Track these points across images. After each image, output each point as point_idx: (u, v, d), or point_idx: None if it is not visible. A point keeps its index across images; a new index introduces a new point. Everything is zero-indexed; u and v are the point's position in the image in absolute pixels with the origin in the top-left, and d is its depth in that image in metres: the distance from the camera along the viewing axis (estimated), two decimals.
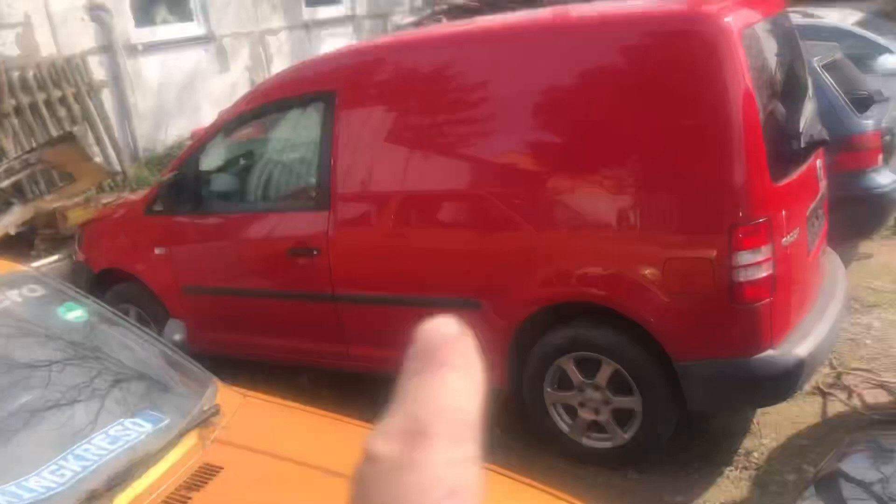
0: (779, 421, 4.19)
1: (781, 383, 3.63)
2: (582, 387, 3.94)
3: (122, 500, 2.13)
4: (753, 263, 3.46)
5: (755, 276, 3.47)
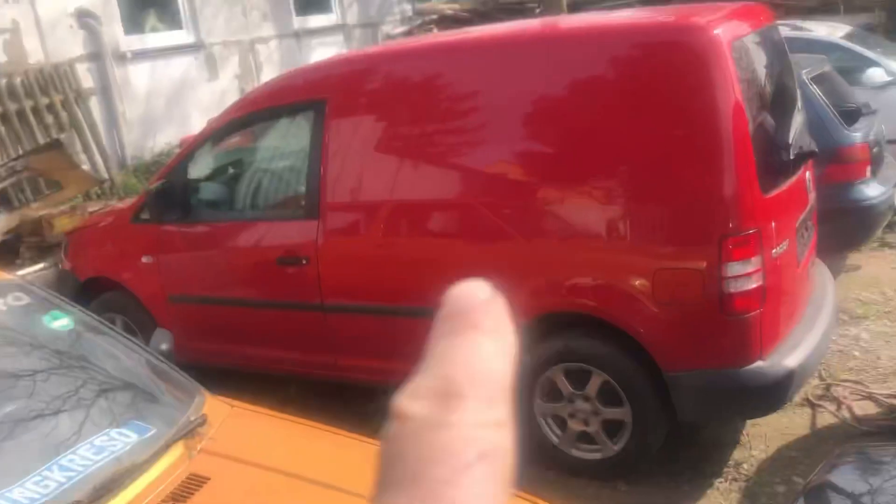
0: (768, 432, 4.19)
1: (771, 394, 3.63)
2: (572, 398, 3.92)
3: None
4: (743, 274, 3.46)
5: (745, 287, 3.47)
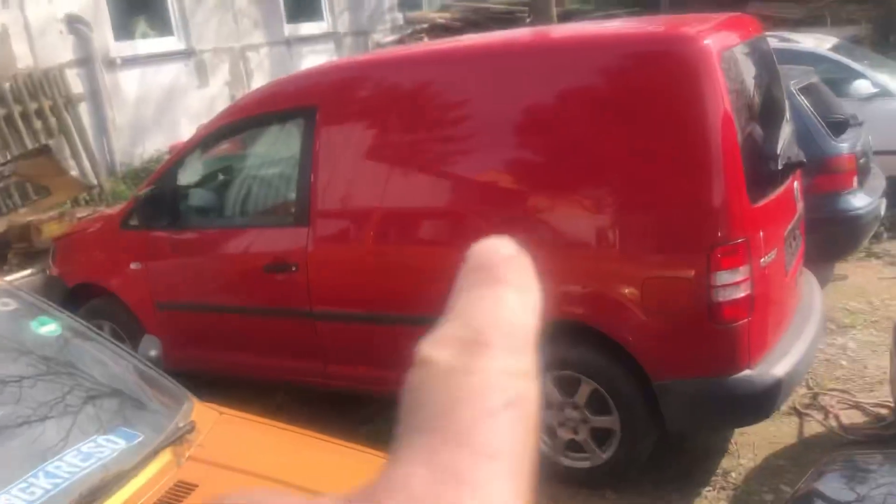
0: (756, 441, 4.20)
1: (759, 403, 3.64)
2: (561, 406, 3.92)
3: None
4: (732, 283, 3.48)
5: (733, 296, 3.48)
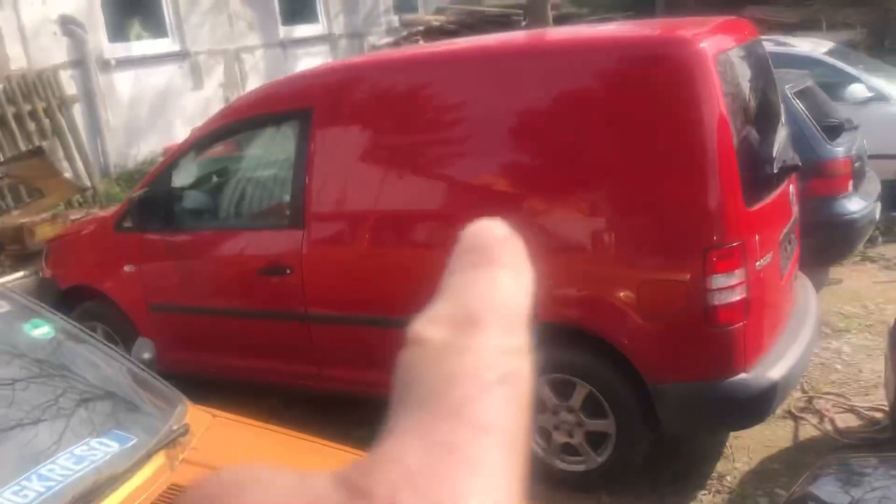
0: (751, 444, 4.20)
1: (754, 406, 3.64)
2: (556, 409, 3.92)
3: None
4: (727, 287, 3.47)
5: (729, 299, 3.48)
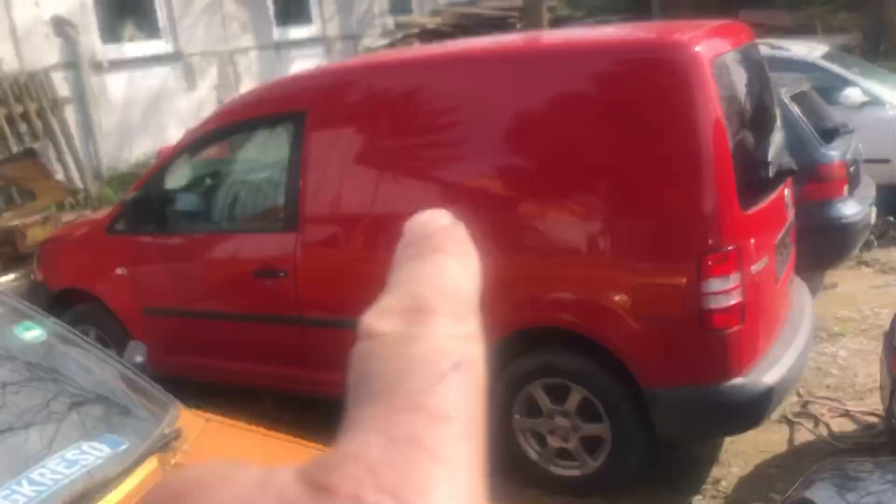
0: (747, 449, 4.19)
1: (750, 411, 3.63)
2: (551, 414, 3.90)
3: None
4: (722, 291, 3.47)
5: (724, 303, 3.47)
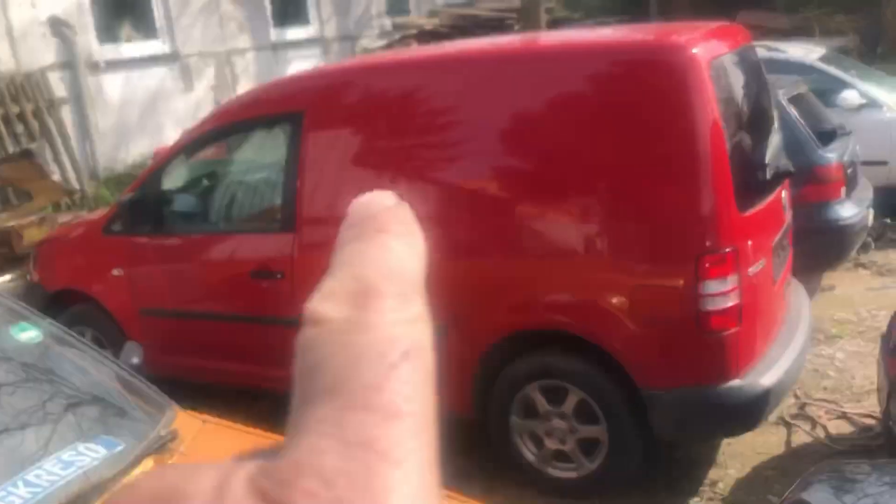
0: (744, 451, 4.18)
1: (747, 413, 3.63)
2: (548, 415, 3.89)
3: None
4: (720, 293, 3.46)
5: (722, 305, 3.47)
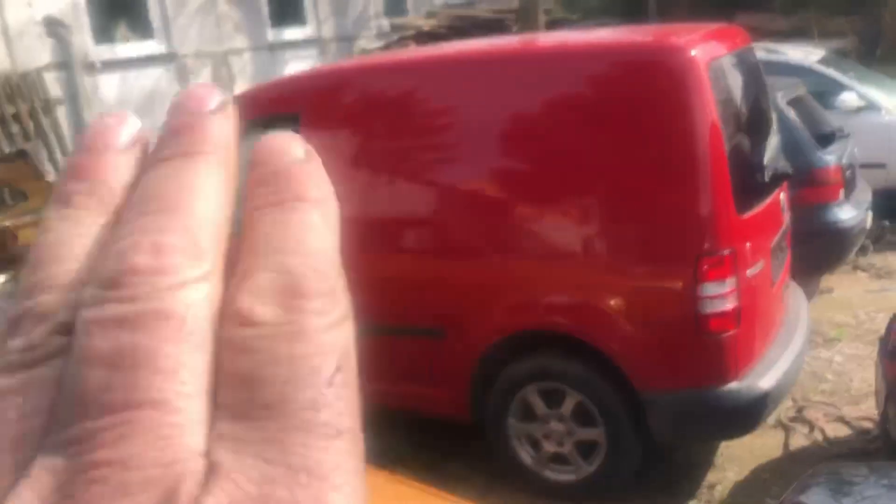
0: (742, 454, 4.17)
1: (746, 416, 3.62)
2: (546, 418, 3.87)
3: None
4: (718, 295, 3.45)
5: (720, 307, 3.45)
